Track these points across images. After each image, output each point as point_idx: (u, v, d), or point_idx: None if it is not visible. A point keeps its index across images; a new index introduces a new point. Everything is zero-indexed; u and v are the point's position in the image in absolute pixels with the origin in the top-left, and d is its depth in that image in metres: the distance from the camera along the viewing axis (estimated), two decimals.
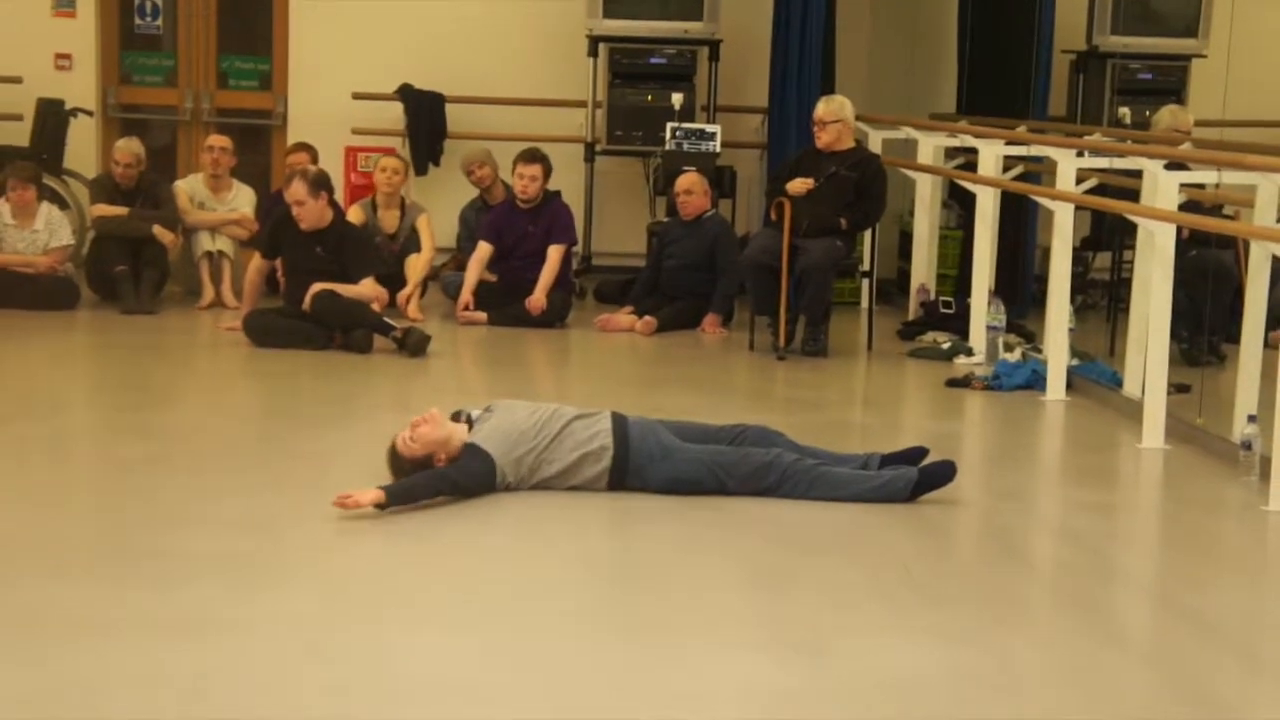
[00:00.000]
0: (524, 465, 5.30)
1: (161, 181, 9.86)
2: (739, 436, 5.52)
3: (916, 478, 5.42)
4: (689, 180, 9.46)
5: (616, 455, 5.34)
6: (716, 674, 3.89)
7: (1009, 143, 8.60)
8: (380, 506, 5.00)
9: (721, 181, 10.13)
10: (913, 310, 9.55)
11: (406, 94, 10.98)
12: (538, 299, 9.08)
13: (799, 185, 8.47)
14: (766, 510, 5.31)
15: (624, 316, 9.19)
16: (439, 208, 10.10)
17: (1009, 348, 8.08)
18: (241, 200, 9.90)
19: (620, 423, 5.41)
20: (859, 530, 5.19)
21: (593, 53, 10.62)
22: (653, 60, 10.60)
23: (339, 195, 9.71)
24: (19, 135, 10.54)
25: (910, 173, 9.74)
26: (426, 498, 5.14)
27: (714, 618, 4.32)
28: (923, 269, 9.66)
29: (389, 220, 9.69)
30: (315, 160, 9.67)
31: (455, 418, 5.41)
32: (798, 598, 4.54)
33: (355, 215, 9.38)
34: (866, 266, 9.19)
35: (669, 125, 10.06)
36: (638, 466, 5.35)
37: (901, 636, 4.20)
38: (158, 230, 9.39)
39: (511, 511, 5.19)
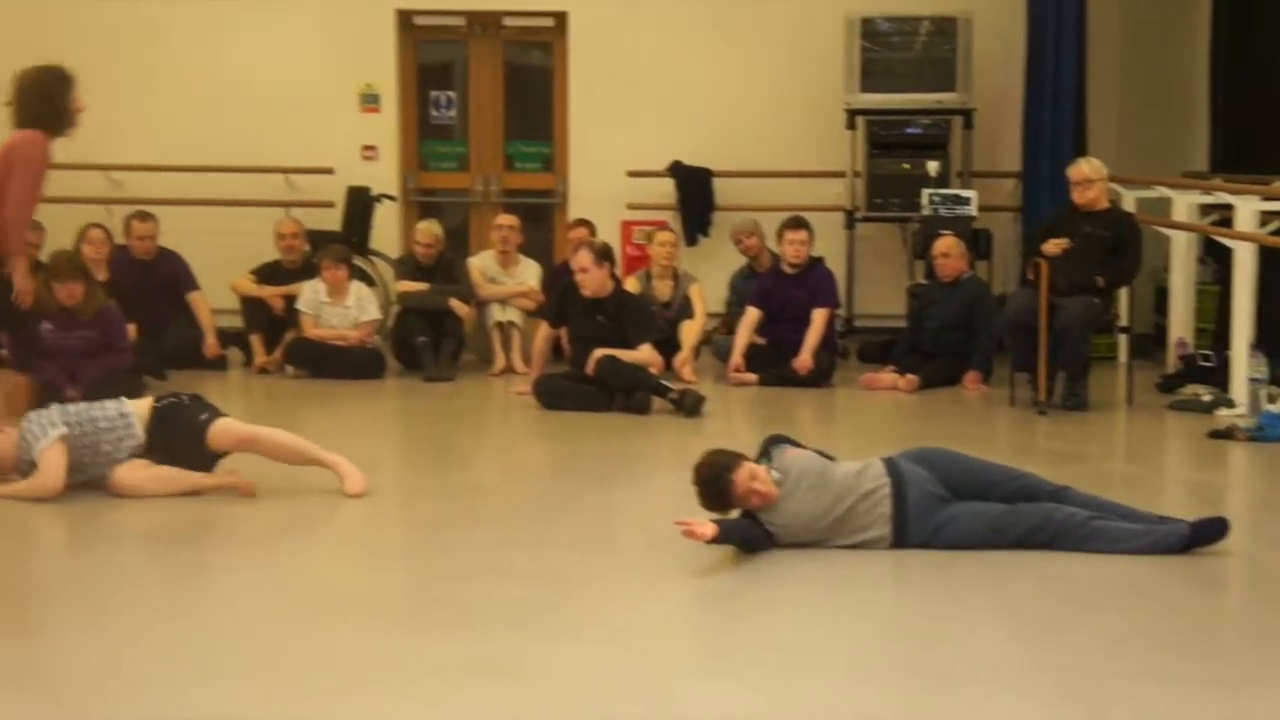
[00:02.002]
0: (807, 540, 5.26)
1: (457, 259, 10.15)
2: (1015, 493, 5.33)
3: (1189, 533, 5.18)
4: (946, 244, 9.33)
5: (894, 539, 5.24)
6: None
7: (1265, 198, 8.26)
8: (711, 540, 5.02)
9: (978, 244, 9.99)
10: (1171, 364, 9.21)
11: (677, 170, 11.11)
12: (804, 360, 9.04)
13: (1054, 246, 8.27)
14: (1035, 562, 5.14)
15: (887, 375, 9.08)
16: (708, 276, 10.16)
17: (1272, 399, 7.72)
18: (528, 274, 10.12)
19: (899, 504, 5.24)
20: (1128, 580, 4.99)
21: (851, 125, 10.58)
22: (908, 130, 10.53)
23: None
24: (332, 220, 10.98)
25: (1165, 230, 9.42)
26: (738, 545, 5.16)
27: (987, 666, 4.19)
28: (1181, 323, 9.32)
29: (663, 289, 9.79)
30: (593, 234, 9.84)
31: (764, 454, 5.39)
32: (1070, 647, 4.37)
33: (631, 286, 9.50)
34: (1124, 322, 8.91)
35: (925, 192, 9.98)
36: (915, 543, 5.24)
37: (1177, 685, 4.01)
38: (454, 303, 9.66)
39: (792, 564, 5.14)
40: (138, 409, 6.18)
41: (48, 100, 6.74)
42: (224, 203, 11.05)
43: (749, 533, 5.19)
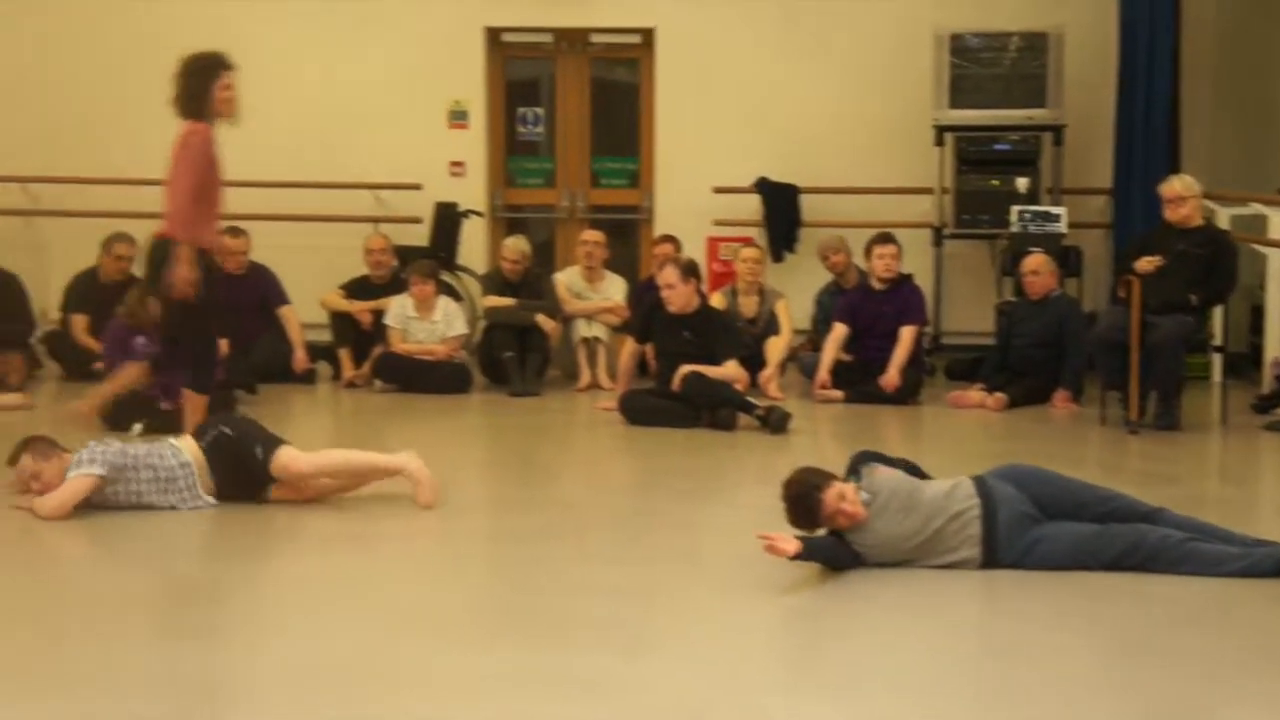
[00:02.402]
0: (894, 560, 5.21)
1: (543, 274, 10.18)
2: (1108, 514, 5.23)
3: None
4: (1036, 261, 9.24)
5: (984, 560, 5.17)
6: None
7: None
8: (794, 557, 4.99)
9: (1067, 261, 9.87)
10: (1267, 384, 9.04)
11: (763, 186, 11.08)
12: (891, 377, 8.98)
13: (1147, 264, 8.15)
14: (1127, 583, 5.05)
15: (975, 393, 8.99)
16: (794, 292, 10.12)
17: None
18: (614, 289, 10.13)
19: (989, 524, 5.16)
20: (1224, 603, 4.89)
21: (939, 142, 10.50)
22: (997, 147, 10.44)
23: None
24: (420, 236, 11.05)
25: (1261, 248, 9.25)
26: (822, 563, 5.12)
27: (1076, 689, 4.11)
28: (1277, 343, 9.14)
29: (749, 305, 9.77)
30: (679, 250, 9.83)
31: (853, 470, 5.34)
32: (1161, 670, 4.29)
33: (717, 302, 9.49)
34: (1218, 341, 8.76)
35: (1014, 208, 9.88)
36: (1006, 563, 5.17)
37: (1271, 710, 3.92)
38: (541, 319, 9.69)
39: (879, 583, 5.09)
40: (191, 453, 6.12)
41: (187, 89, 6.84)
42: (313, 218, 11.16)
43: (834, 551, 5.14)
